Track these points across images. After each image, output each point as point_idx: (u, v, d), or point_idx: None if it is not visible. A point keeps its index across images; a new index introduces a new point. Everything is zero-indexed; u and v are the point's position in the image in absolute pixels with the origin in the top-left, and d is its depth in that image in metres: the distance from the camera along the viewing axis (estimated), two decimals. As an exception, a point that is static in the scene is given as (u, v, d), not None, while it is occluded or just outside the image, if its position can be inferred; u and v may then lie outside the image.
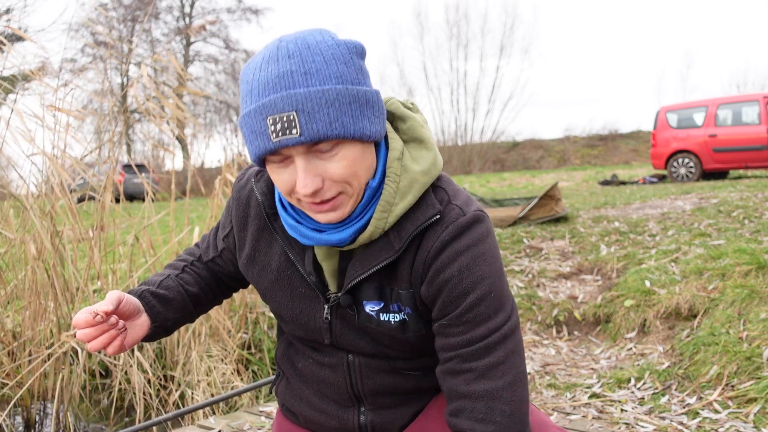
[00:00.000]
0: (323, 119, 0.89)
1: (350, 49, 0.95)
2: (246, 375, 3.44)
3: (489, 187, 17.04)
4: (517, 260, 4.78)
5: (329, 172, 0.94)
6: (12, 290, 3.38)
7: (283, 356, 1.27)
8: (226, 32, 29.78)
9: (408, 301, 1.06)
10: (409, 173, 1.02)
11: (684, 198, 6.99)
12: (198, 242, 1.35)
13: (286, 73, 0.90)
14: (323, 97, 0.89)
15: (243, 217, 1.15)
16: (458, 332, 1.01)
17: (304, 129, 0.89)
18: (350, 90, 0.92)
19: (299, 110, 0.89)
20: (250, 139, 0.94)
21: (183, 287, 1.22)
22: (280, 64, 0.91)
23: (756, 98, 11.61)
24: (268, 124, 0.90)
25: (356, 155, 0.95)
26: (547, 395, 2.75)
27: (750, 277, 3.28)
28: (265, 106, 0.90)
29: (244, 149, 4.40)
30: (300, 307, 1.13)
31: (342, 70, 0.92)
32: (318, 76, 0.90)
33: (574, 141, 29.74)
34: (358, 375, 1.14)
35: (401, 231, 1.02)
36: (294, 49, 0.92)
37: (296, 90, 0.89)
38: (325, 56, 0.92)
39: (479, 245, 1.01)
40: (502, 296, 1.02)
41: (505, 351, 1.00)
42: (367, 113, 0.95)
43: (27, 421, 3.21)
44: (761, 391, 2.33)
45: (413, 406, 1.19)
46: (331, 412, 1.19)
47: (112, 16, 25.34)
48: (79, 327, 1.00)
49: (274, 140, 0.90)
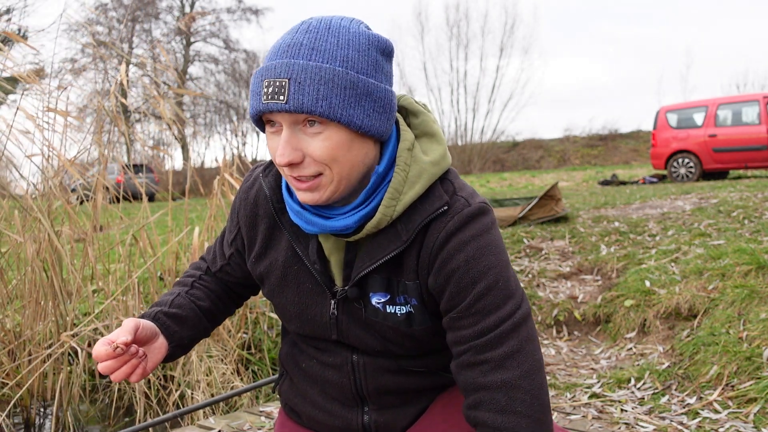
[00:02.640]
0: (311, 93, 0.91)
1: (371, 42, 0.96)
2: (246, 375, 3.44)
3: (489, 187, 17.03)
4: (517, 260, 4.78)
5: (309, 149, 0.95)
6: (12, 290, 3.38)
7: (287, 356, 1.27)
8: (226, 32, 29.77)
9: (414, 293, 1.06)
10: (419, 163, 1.03)
11: (684, 198, 6.99)
12: (203, 255, 1.35)
13: (297, 43, 0.93)
14: (319, 74, 0.91)
15: (252, 216, 1.15)
16: (469, 324, 1.01)
17: (291, 98, 0.91)
18: (351, 76, 0.93)
19: (292, 78, 0.91)
20: (250, 99, 0.97)
21: (195, 303, 1.22)
22: (297, 35, 0.95)
23: (756, 98, 11.61)
24: (263, 86, 0.93)
25: (341, 141, 0.95)
26: (547, 395, 2.75)
27: (750, 277, 3.28)
28: (266, 68, 0.94)
29: (244, 149, 4.40)
30: (306, 302, 1.13)
31: (352, 57, 0.94)
32: (324, 54, 0.92)
33: (574, 141, 29.73)
34: (362, 375, 1.14)
35: (409, 222, 1.02)
36: (315, 26, 0.95)
37: (297, 60, 0.92)
38: (340, 39, 0.94)
39: (484, 235, 1.02)
40: (509, 285, 1.02)
41: (519, 339, 1.00)
42: (365, 104, 0.95)
43: (27, 421, 3.21)
44: (761, 391, 2.33)
45: (417, 406, 1.19)
46: (335, 412, 1.19)
47: (112, 16, 25.34)
48: (100, 360, 1.00)
49: (263, 101, 0.93)
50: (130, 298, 3.36)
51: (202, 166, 23.54)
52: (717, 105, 11.94)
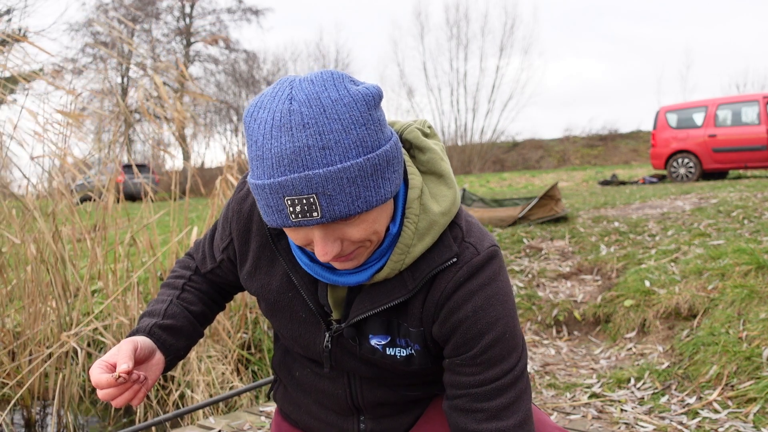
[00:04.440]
0: (344, 200, 0.85)
1: (368, 103, 0.87)
2: (246, 375, 3.44)
3: (489, 187, 17.03)
4: (517, 260, 4.78)
5: (347, 235, 0.91)
6: (12, 290, 3.38)
7: (280, 364, 1.25)
8: (226, 32, 29.75)
9: (418, 339, 1.04)
10: (429, 215, 0.99)
11: (684, 198, 6.99)
12: (190, 251, 1.30)
13: (303, 148, 0.83)
14: (344, 177, 0.84)
15: (245, 231, 1.11)
16: (470, 372, 1.00)
17: (325, 211, 0.84)
18: (371, 160, 0.86)
19: (319, 193, 0.83)
20: (266, 210, 0.89)
21: (187, 310, 1.19)
22: (295, 136, 0.83)
23: (756, 98, 11.61)
24: (286, 204, 0.85)
25: (376, 216, 0.92)
26: (547, 395, 2.75)
27: (749, 277, 3.28)
28: (282, 185, 0.84)
29: (244, 148, 4.40)
30: (299, 330, 1.11)
31: (362, 136, 0.85)
32: (337, 149, 0.83)
33: (573, 141, 29.72)
34: (358, 388, 1.14)
35: (416, 271, 1.00)
36: (309, 116, 0.83)
37: (315, 171, 0.83)
38: (343, 122, 0.84)
39: (492, 284, 1.00)
40: (515, 336, 1.02)
41: (516, 392, 1.00)
42: (388, 175, 0.89)
43: (27, 421, 3.21)
44: (761, 391, 2.33)
45: (413, 414, 1.19)
46: (330, 421, 1.19)
47: (112, 15, 25.33)
48: (100, 388, 0.98)
49: (293, 220, 0.86)
50: (130, 298, 3.37)
51: (202, 166, 23.52)
52: (717, 105, 11.94)
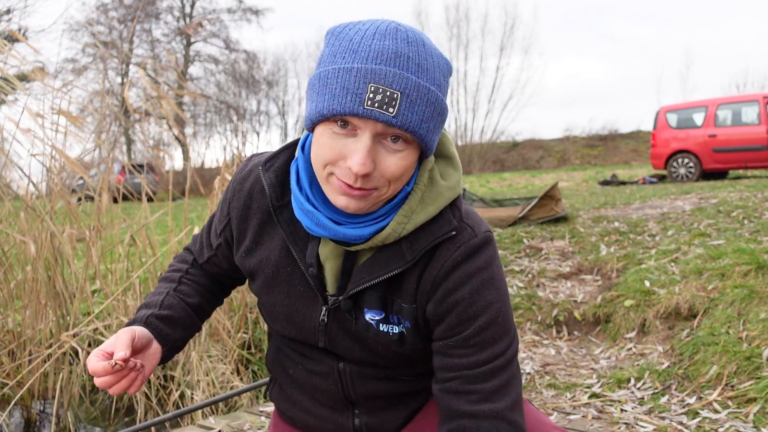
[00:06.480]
0: (419, 114, 0.88)
1: (449, 67, 0.96)
2: (246, 375, 3.44)
3: (489, 187, 17.04)
4: (517, 260, 4.78)
5: (384, 164, 0.92)
6: (12, 290, 3.38)
7: (274, 362, 1.25)
8: (226, 32, 29.75)
9: (409, 316, 1.05)
10: (436, 186, 1.02)
11: (684, 198, 6.99)
12: (189, 246, 1.31)
13: (404, 54, 0.88)
14: (428, 95, 0.89)
15: (244, 208, 1.11)
16: (463, 354, 1.01)
17: (401, 113, 0.87)
18: (442, 102, 0.92)
19: (404, 93, 0.87)
20: (336, 93, 0.88)
21: (185, 301, 1.20)
22: (399, 44, 0.89)
23: (756, 98, 11.62)
24: (368, 89, 0.86)
25: (413, 161, 0.95)
26: (547, 395, 2.75)
27: (749, 277, 3.28)
28: (373, 72, 0.86)
29: (243, 149, 4.40)
30: (296, 305, 1.11)
31: (441, 81, 0.93)
32: (428, 74, 0.90)
33: (573, 141, 29.72)
34: (349, 382, 1.14)
35: (415, 242, 1.01)
36: (413, 39, 0.90)
37: (409, 75, 0.88)
38: (435, 61, 0.92)
39: (489, 268, 1.02)
40: (508, 321, 1.03)
41: (507, 376, 1.02)
42: (439, 129, 0.95)
43: (27, 421, 3.21)
44: (761, 391, 2.34)
45: (408, 407, 1.19)
46: (325, 417, 1.20)
47: (112, 16, 25.33)
48: (97, 375, 0.98)
49: (366, 107, 0.86)
50: (130, 298, 3.37)
51: (202, 166, 23.56)
52: (717, 105, 11.94)
